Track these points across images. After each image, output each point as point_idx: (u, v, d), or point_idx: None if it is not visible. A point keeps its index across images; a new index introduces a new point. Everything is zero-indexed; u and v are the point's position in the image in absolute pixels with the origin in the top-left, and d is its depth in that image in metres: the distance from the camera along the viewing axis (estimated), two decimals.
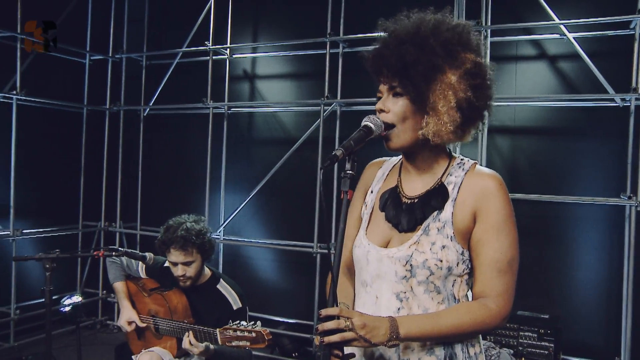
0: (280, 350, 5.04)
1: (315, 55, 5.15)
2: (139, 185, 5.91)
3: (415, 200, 1.65)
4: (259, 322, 2.72)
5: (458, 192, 1.60)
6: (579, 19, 4.06)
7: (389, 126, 1.60)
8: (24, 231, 5.28)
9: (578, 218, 4.25)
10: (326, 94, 4.80)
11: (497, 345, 3.80)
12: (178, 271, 3.18)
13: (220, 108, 5.40)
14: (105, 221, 6.07)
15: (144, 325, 3.30)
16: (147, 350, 3.20)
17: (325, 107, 4.83)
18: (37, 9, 5.22)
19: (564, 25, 4.12)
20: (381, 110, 1.61)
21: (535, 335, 3.84)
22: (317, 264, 4.84)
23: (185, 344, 2.95)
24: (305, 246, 4.98)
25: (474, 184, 1.60)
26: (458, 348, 1.60)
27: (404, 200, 1.67)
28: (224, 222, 5.40)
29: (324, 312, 1.47)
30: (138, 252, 3.06)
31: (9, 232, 5.13)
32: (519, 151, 4.46)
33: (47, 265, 2.71)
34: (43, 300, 2.73)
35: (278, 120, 5.46)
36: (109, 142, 6.05)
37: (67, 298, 5.62)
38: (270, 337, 2.65)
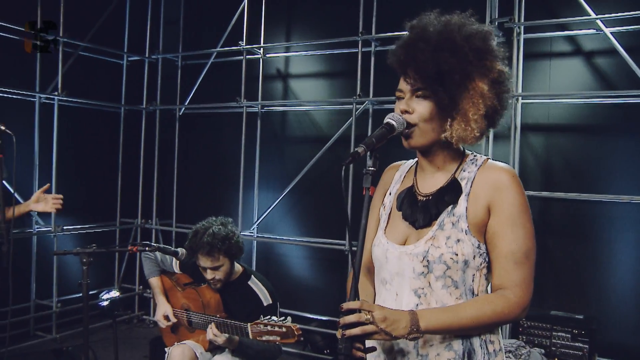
0: (312, 347, 5.07)
1: (348, 54, 5.17)
2: (174, 183, 6.02)
3: (430, 197, 1.67)
4: (289, 318, 2.76)
5: (471, 187, 1.62)
6: (615, 13, 3.97)
7: (412, 126, 1.62)
8: (65, 227, 5.45)
9: (614, 217, 4.16)
10: (358, 93, 4.81)
11: (528, 344, 3.75)
12: (207, 275, 3.25)
13: (254, 107, 5.46)
14: (142, 218, 6.20)
15: (175, 319, 3.37)
16: (179, 343, 3.27)
17: (357, 106, 4.85)
18: (77, 13, 5.38)
19: (601, 20, 4.04)
20: (405, 111, 1.62)
21: (569, 335, 3.77)
22: (349, 261, 4.85)
23: (209, 335, 3.03)
24: (337, 244, 5.00)
25: (486, 177, 1.62)
26: (477, 344, 1.60)
27: (419, 198, 1.70)
28: (257, 219, 5.47)
29: (346, 305, 1.50)
30: (171, 247, 3.13)
31: (50, 228, 5.31)
32: (554, 149, 4.40)
33: (84, 260, 2.78)
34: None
35: (311, 118, 5.50)
36: (146, 141, 6.18)
37: (105, 293, 5.75)
38: (300, 332, 2.69)
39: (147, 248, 3.01)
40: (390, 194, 1.82)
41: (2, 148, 2.96)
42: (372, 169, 1.54)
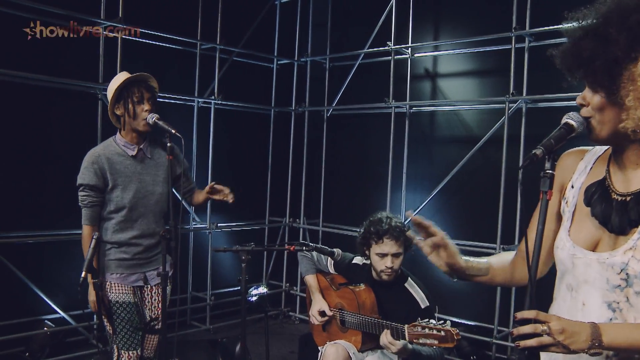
0: (458, 353, 4.92)
1: (499, 51, 4.95)
2: (322, 183, 6.12)
3: (629, 198, 1.47)
4: (448, 322, 2.65)
5: None
6: None
7: (588, 118, 1.49)
8: (219, 225, 5.73)
9: None
10: (511, 91, 4.60)
11: None
12: (387, 262, 3.21)
13: (402, 107, 5.41)
14: (290, 217, 6.37)
15: (332, 313, 3.38)
16: (333, 342, 3.29)
17: (510, 105, 4.63)
18: (232, 21, 5.66)
19: None
20: (582, 104, 1.50)
21: None
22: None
23: (382, 341, 2.94)
24: (487, 247, 4.80)
25: None
26: None
27: (614, 196, 1.50)
28: (405, 221, 5.39)
29: (520, 315, 1.39)
30: (327, 247, 3.14)
31: (205, 226, 5.62)
32: None
33: (243, 257, 2.87)
34: (234, 288, 2.90)
35: (460, 118, 5.34)
36: (294, 142, 6.35)
37: (254, 288, 5.98)
38: (460, 337, 2.58)
39: (304, 247, 3.05)
40: (572, 187, 1.64)
41: (172, 150, 3.14)
42: (550, 172, 1.43)
